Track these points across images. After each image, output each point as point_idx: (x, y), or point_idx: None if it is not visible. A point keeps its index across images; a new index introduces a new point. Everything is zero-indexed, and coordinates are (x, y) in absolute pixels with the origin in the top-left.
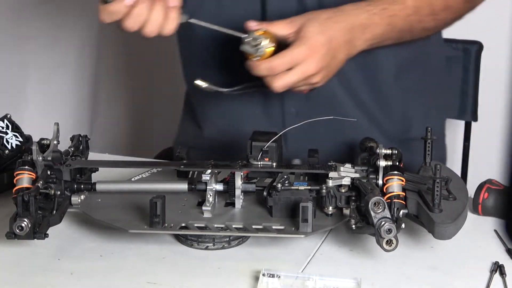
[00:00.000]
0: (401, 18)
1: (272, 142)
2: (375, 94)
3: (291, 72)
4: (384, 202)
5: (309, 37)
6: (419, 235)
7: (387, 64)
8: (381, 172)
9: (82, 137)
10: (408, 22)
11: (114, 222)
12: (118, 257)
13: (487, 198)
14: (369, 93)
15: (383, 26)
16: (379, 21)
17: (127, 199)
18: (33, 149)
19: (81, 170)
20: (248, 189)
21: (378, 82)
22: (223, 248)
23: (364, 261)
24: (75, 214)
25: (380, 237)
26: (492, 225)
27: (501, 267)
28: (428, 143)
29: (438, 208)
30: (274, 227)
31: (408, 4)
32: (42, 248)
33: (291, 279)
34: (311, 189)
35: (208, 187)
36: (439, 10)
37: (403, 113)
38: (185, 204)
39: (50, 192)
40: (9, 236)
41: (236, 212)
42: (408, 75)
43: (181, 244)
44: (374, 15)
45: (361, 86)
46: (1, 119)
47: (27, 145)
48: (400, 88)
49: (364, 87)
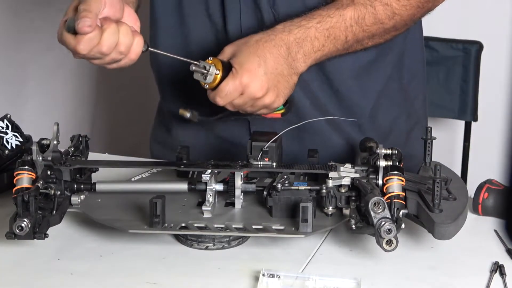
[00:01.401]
0: (340, 29)
1: (272, 142)
2: (334, 96)
3: (241, 96)
4: (384, 202)
5: (243, 61)
6: (419, 235)
7: (346, 66)
8: (381, 172)
9: (82, 137)
10: (352, 33)
11: (114, 222)
12: (118, 257)
13: (487, 198)
14: (329, 96)
15: (323, 39)
16: (316, 34)
17: (127, 199)
18: (33, 149)
19: (81, 170)
20: (248, 189)
21: (336, 83)
22: (223, 248)
23: (364, 261)
24: (75, 214)
25: (380, 237)
26: (492, 225)
27: (501, 267)
28: (428, 143)
29: (438, 208)
30: (274, 227)
31: (347, 16)
32: (42, 248)
33: (291, 279)
34: (311, 189)
35: (208, 187)
36: (385, 18)
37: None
38: (185, 204)
39: (50, 192)
40: (9, 236)
41: (236, 212)
42: (369, 77)
43: (181, 244)
44: (309, 29)
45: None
46: (1, 119)
47: (27, 145)
48: (361, 89)
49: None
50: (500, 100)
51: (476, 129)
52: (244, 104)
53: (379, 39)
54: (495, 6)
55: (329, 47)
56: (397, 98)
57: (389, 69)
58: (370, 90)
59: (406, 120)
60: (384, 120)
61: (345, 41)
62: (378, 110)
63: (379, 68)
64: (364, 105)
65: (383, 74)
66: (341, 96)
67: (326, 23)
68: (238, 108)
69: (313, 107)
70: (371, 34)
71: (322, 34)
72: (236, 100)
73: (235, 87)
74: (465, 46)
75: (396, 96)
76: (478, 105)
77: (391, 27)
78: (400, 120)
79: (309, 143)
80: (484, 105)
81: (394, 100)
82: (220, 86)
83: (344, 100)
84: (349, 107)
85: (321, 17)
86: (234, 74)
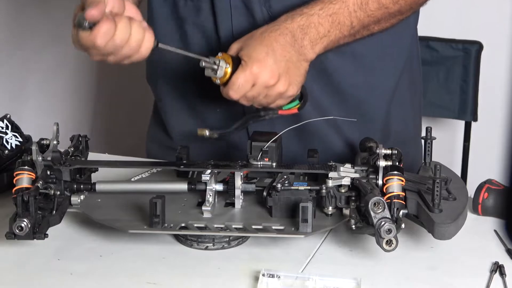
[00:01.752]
0: (344, 15)
1: (272, 142)
2: (333, 95)
3: (254, 87)
4: (384, 202)
5: (251, 53)
6: (419, 235)
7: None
8: (381, 172)
9: (82, 137)
10: (356, 18)
11: (114, 222)
12: (118, 257)
13: (487, 198)
14: (328, 96)
15: (327, 25)
16: (319, 20)
17: (127, 199)
18: (33, 149)
19: (81, 170)
20: (248, 189)
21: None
22: (223, 248)
23: (364, 261)
24: (75, 214)
25: (380, 237)
26: (492, 225)
27: (501, 267)
28: (428, 143)
29: (438, 208)
30: (274, 227)
31: (349, 2)
32: (42, 248)
33: (291, 279)
34: (311, 189)
35: (208, 187)
36: (389, 3)
37: (363, 115)
38: (185, 204)
39: (50, 192)
40: (9, 236)
41: (236, 212)
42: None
43: (181, 244)
44: (312, 16)
45: (329, 104)
46: (1, 119)
47: (27, 145)
48: (360, 89)
49: (322, 90)
50: (500, 100)
51: (476, 129)
52: (258, 95)
53: (385, 23)
54: (495, 6)
55: (335, 33)
56: (407, 94)
57: (401, 61)
58: (381, 86)
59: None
60: (396, 118)
61: (351, 26)
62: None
63: (389, 61)
64: (374, 102)
65: (393, 70)
66: (344, 95)
67: (328, 9)
68: (253, 100)
69: (314, 107)
70: (376, 19)
71: (326, 20)
72: (249, 92)
73: (246, 78)
74: (465, 46)
75: (406, 93)
76: (478, 105)
77: (396, 11)
78: (409, 121)
79: (310, 144)
80: (484, 105)
81: (404, 97)
82: (231, 79)
83: (347, 100)
84: (355, 105)
85: (323, 4)
86: (243, 66)
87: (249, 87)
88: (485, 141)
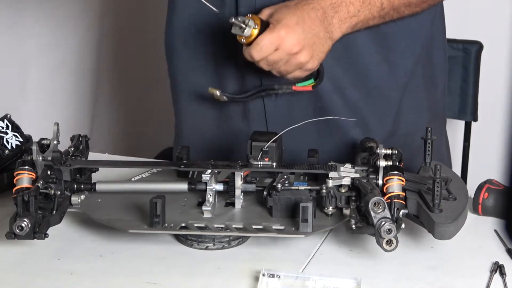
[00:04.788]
0: None
1: (272, 142)
2: (360, 88)
3: (277, 52)
4: (384, 202)
5: (281, 18)
6: (419, 235)
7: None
8: (381, 172)
9: (82, 137)
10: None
11: (114, 222)
12: (118, 257)
13: (487, 198)
14: (356, 90)
15: (358, 4)
16: None
17: (127, 199)
18: (33, 149)
19: (81, 170)
20: (248, 189)
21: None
22: (223, 248)
23: (364, 261)
24: (75, 214)
25: (380, 237)
26: (492, 225)
27: (501, 267)
28: (428, 143)
29: (438, 208)
30: (274, 227)
31: None
32: (42, 248)
33: (291, 279)
34: (311, 189)
35: (208, 187)
36: None
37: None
38: (185, 204)
39: (50, 192)
40: (9, 236)
41: (236, 212)
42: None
43: (181, 244)
44: None
45: (348, 83)
46: (1, 119)
47: (27, 145)
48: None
49: (350, 83)
50: (500, 100)
51: (476, 129)
52: (279, 60)
53: (416, 7)
54: (495, 6)
55: (365, 13)
56: (421, 86)
57: (418, 47)
58: (399, 66)
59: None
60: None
61: (381, 7)
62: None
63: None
64: (390, 84)
65: (411, 53)
66: (364, 74)
67: None
68: (273, 66)
69: (334, 87)
70: (407, 2)
71: (357, 0)
72: (271, 55)
73: (271, 40)
74: (465, 46)
75: (421, 84)
76: (478, 105)
77: None
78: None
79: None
80: (484, 105)
81: (419, 87)
82: (257, 39)
83: (367, 79)
84: (373, 87)
85: None
86: (271, 28)
87: (272, 50)
88: (485, 141)
